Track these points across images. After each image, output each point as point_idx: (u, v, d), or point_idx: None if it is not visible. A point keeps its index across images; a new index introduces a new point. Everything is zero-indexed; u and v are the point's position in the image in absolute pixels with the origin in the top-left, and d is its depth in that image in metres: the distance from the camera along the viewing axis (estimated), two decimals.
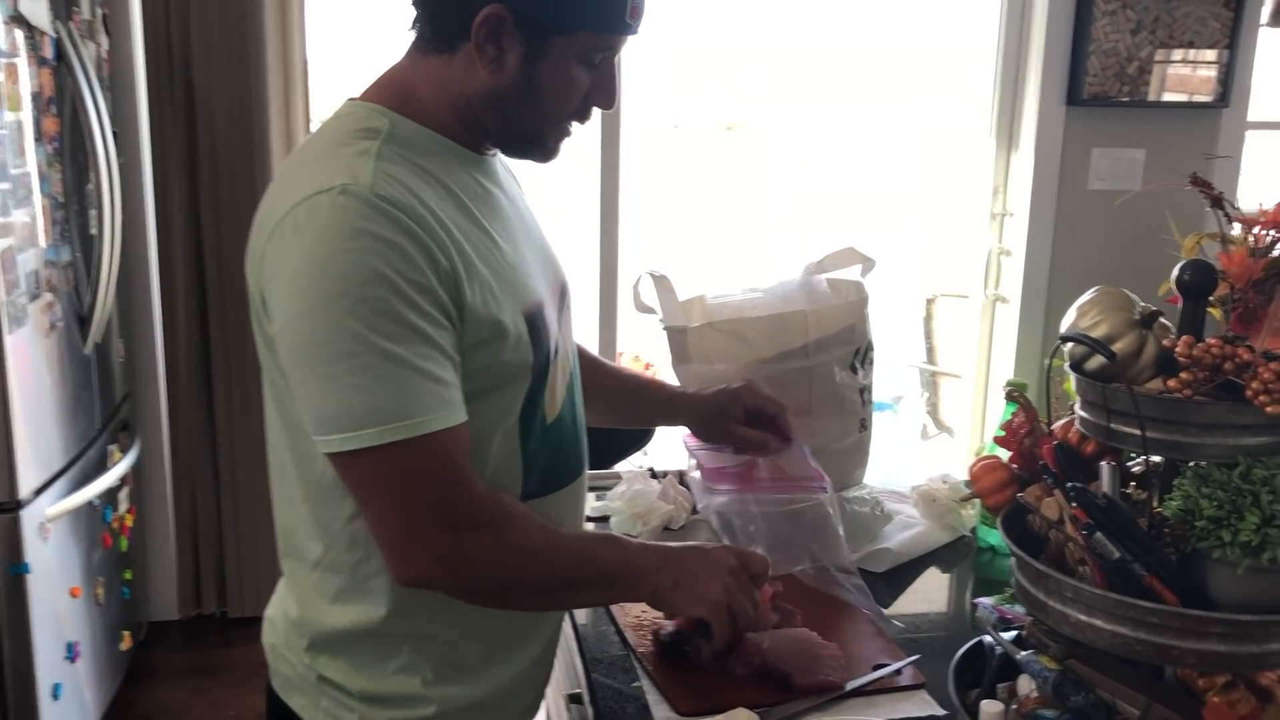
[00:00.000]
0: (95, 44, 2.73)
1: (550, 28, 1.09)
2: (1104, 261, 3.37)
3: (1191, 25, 3.22)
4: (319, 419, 1.05)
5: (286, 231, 1.04)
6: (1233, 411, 1.02)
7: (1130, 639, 1.02)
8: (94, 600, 2.64)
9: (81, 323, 2.59)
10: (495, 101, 1.12)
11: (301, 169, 1.10)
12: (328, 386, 1.02)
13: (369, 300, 1.00)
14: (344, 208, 1.02)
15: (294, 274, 1.03)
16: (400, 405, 1.02)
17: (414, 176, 1.09)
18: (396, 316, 1.01)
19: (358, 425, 1.02)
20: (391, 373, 1.01)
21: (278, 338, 1.07)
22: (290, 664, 1.24)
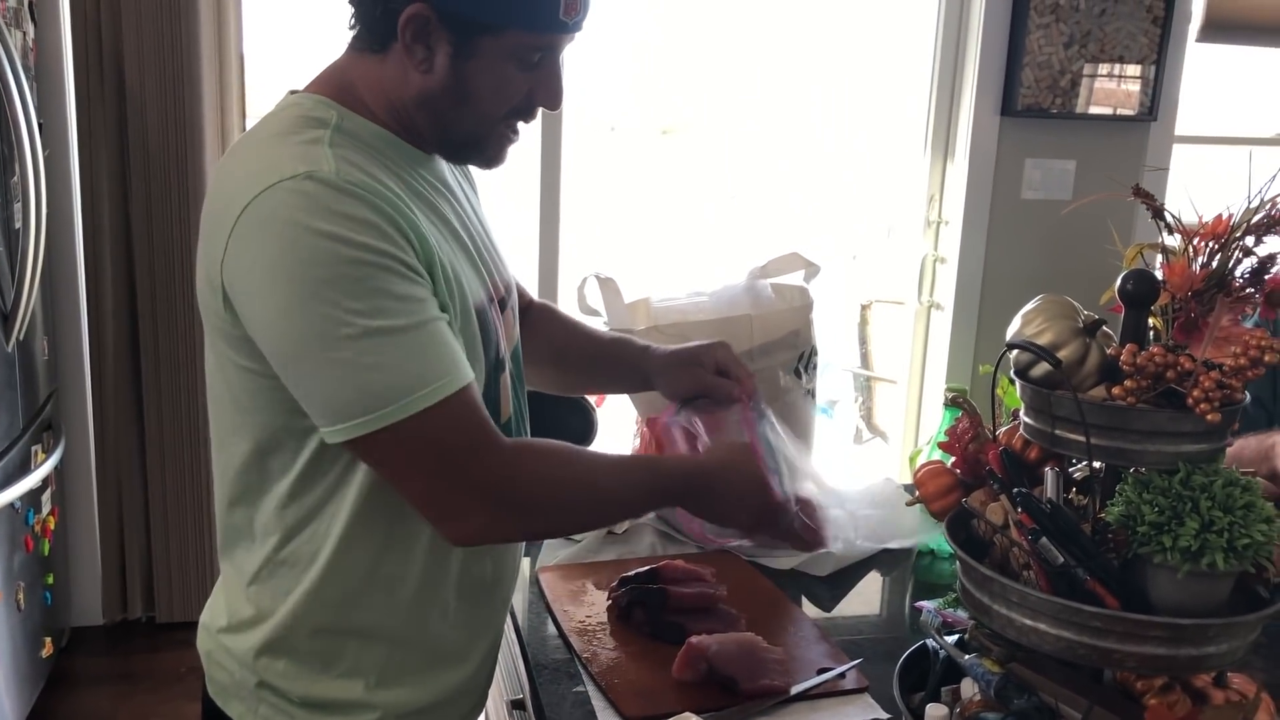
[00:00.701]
0: (21, 31, 2.64)
1: (476, 26, 1.06)
2: (1036, 269, 3.44)
3: (1122, 40, 3.30)
4: (333, 409, 1.02)
5: (251, 225, 1.01)
6: (1174, 419, 1.04)
7: (1074, 642, 1.04)
8: (14, 605, 2.56)
9: (4, 319, 2.51)
10: (428, 103, 1.11)
11: (251, 160, 1.07)
12: (336, 374, 1.01)
13: (358, 280, 0.99)
14: (312, 194, 1.00)
15: (271, 269, 1.00)
16: (414, 376, 1.01)
17: (370, 162, 1.07)
18: (388, 291, 1.00)
19: (379, 405, 1.01)
20: (397, 345, 1.00)
21: (260, 335, 1.04)
22: (227, 670, 1.22)
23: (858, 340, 4.56)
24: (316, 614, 1.16)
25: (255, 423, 1.12)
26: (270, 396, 1.09)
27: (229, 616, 1.21)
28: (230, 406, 1.14)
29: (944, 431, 1.35)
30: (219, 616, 1.23)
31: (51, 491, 2.85)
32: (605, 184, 8.08)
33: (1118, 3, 3.27)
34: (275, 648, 1.18)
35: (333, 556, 1.15)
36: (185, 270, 3.02)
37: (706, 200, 8.08)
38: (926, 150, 3.46)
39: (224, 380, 1.13)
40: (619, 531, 1.73)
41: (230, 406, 1.14)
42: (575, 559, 1.66)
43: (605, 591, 1.54)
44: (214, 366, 1.14)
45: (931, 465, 1.26)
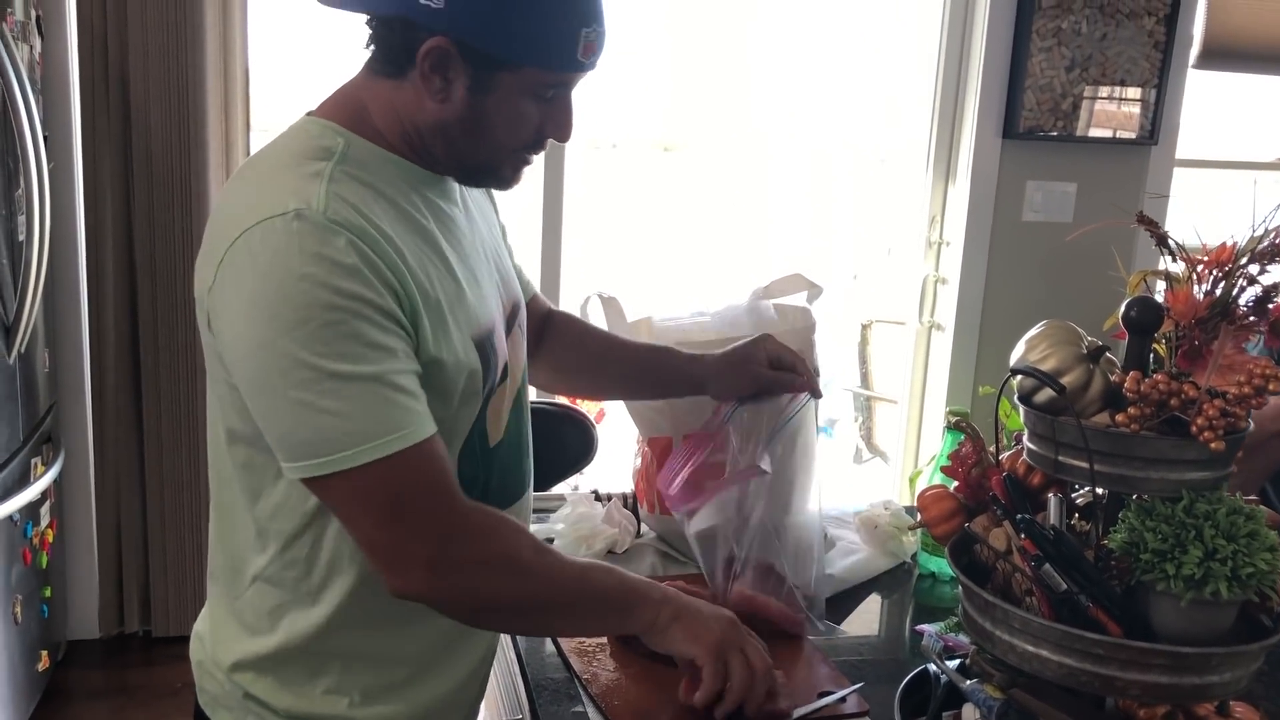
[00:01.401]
0: (28, 45, 2.65)
1: (495, 62, 1.07)
2: (1036, 291, 3.45)
3: (1123, 64, 3.31)
4: (290, 446, 1.03)
5: (240, 257, 1.02)
6: (1177, 446, 1.04)
7: (1076, 669, 1.03)
8: (11, 619, 2.55)
9: (6, 332, 2.51)
10: (443, 132, 1.12)
11: (252, 189, 1.08)
12: (297, 414, 1.01)
13: (329, 325, 1.00)
14: (298, 233, 1.00)
15: (251, 302, 1.01)
16: (373, 425, 1.01)
17: (368, 198, 1.08)
18: (359, 337, 1.01)
19: (333, 449, 1.01)
20: (359, 393, 1.01)
21: (234, 366, 1.05)
22: (216, 680, 1.22)
23: (858, 360, 4.57)
24: (299, 638, 1.17)
25: (242, 439, 1.13)
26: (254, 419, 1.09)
27: (218, 629, 1.22)
28: (221, 422, 1.15)
29: (947, 455, 1.35)
30: (209, 628, 1.25)
31: (50, 504, 2.85)
32: (607, 201, 8.10)
33: (1119, 27, 3.28)
34: (259, 664, 1.18)
35: (321, 579, 1.15)
36: (187, 284, 3.01)
37: (707, 217, 8.09)
38: (928, 171, 3.47)
39: (216, 395, 1.15)
40: (619, 551, 1.73)
41: (221, 422, 1.15)
42: None
43: None
44: (209, 380, 1.16)
45: (935, 490, 1.26)
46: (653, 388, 1.57)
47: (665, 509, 1.73)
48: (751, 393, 1.48)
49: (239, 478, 1.15)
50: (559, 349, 1.53)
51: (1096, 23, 3.27)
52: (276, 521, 1.14)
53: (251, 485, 1.15)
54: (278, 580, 1.16)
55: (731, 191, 8.18)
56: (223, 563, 1.21)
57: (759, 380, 1.46)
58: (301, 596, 1.16)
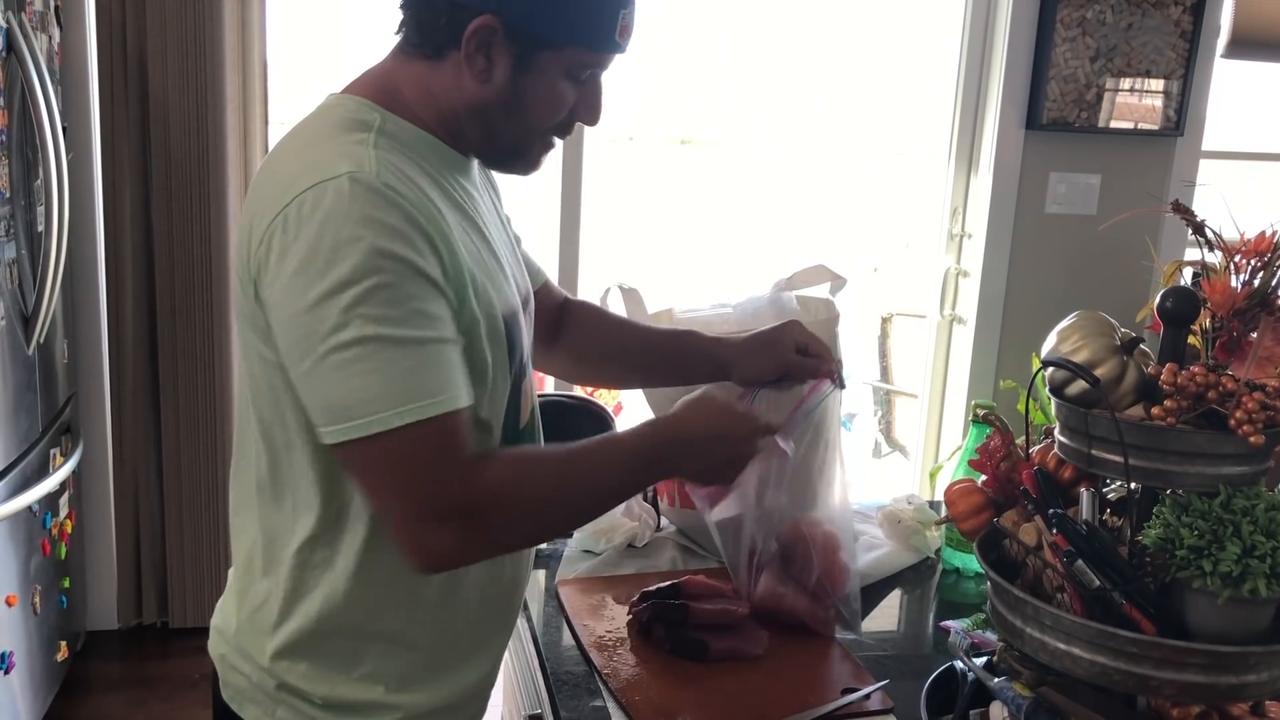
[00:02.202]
0: (47, 35, 2.65)
1: (541, 42, 1.08)
2: (1060, 284, 3.41)
3: (1149, 54, 3.27)
4: (326, 409, 1.02)
5: (291, 220, 1.01)
6: (1214, 441, 1.01)
7: (1109, 668, 1.01)
8: (30, 609, 2.55)
9: (25, 322, 2.51)
10: (480, 111, 1.12)
11: (295, 157, 1.08)
12: (335, 375, 1.00)
13: (378, 288, 0.99)
14: (352, 195, 1.00)
15: (301, 264, 1.00)
16: (410, 389, 1.01)
17: (410, 166, 1.08)
18: (405, 302, 1.01)
19: (368, 411, 1.00)
20: (399, 357, 1.00)
21: (279, 329, 1.04)
22: (243, 674, 1.21)
23: (878, 353, 4.54)
24: (340, 618, 1.16)
25: (275, 419, 1.12)
26: (292, 393, 1.08)
27: (248, 618, 1.20)
28: (252, 401, 1.15)
29: (975, 449, 1.32)
30: (231, 620, 1.23)
31: (69, 495, 2.85)
32: (625, 194, 8.08)
33: (1145, 17, 3.24)
34: (297, 650, 1.17)
35: (357, 561, 1.14)
36: (205, 274, 3.02)
37: (725, 210, 8.06)
38: (950, 163, 3.44)
39: (250, 373, 1.14)
40: (639, 545, 1.71)
41: (252, 401, 1.15)
42: (594, 573, 1.64)
43: (625, 606, 1.52)
44: (242, 358, 1.15)
45: (962, 484, 1.24)
46: (676, 372, 1.55)
47: (686, 502, 1.71)
48: (776, 376, 1.46)
49: (265, 459, 1.15)
50: (579, 336, 1.52)
51: (1122, 12, 3.22)
52: (305, 507, 1.13)
53: (276, 468, 1.14)
54: (313, 566, 1.15)
55: (750, 184, 8.14)
56: (259, 544, 1.19)
57: (784, 364, 1.45)
58: (336, 586, 1.15)
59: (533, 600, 1.57)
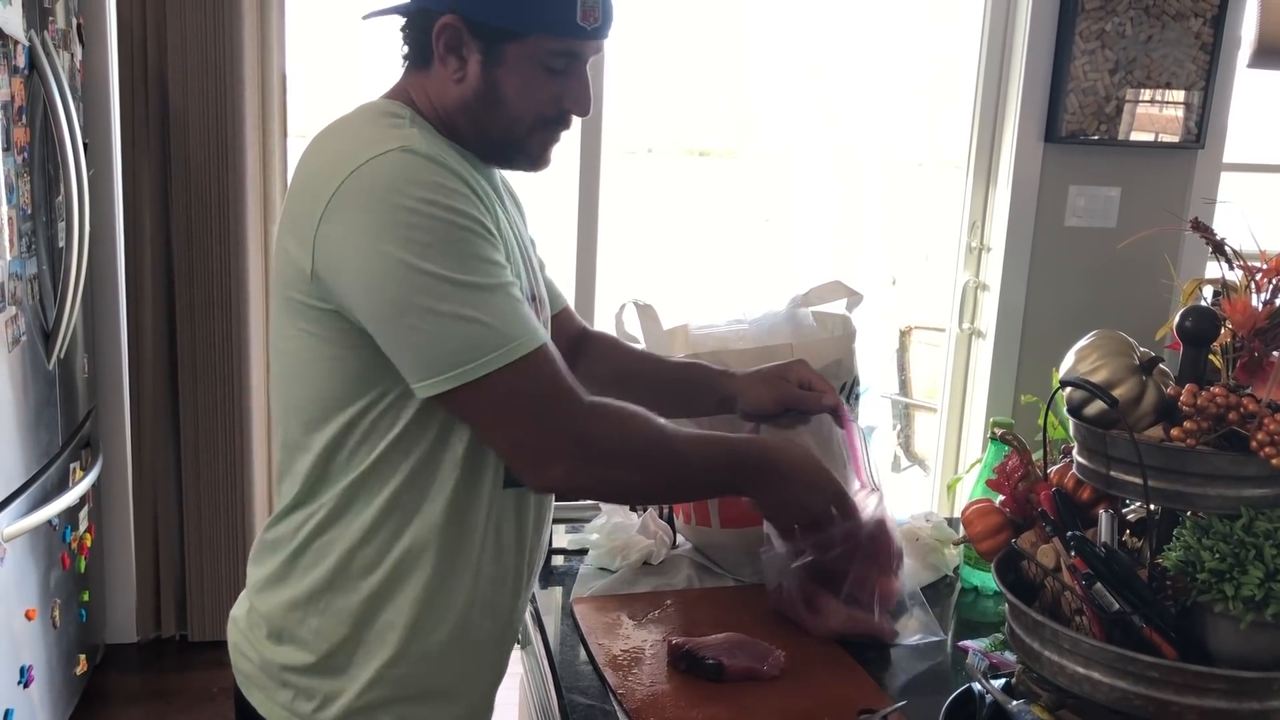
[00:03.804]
0: (69, 53, 2.67)
1: (503, 34, 1.14)
2: (1079, 298, 3.39)
3: (1169, 66, 3.25)
4: (434, 360, 1.08)
5: (350, 195, 1.07)
6: (1236, 462, 1.00)
7: (1129, 693, 1.00)
8: (50, 623, 2.56)
9: (46, 337, 2.53)
10: (466, 110, 1.18)
11: (341, 142, 1.14)
12: (442, 326, 1.06)
13: (456, 241, 1.07)
14: (410, 164, 1.07)
15: (374, 233, 1.06)
16: (512, 328, 1.09)
17: (445, 152, 1.14)
18: (480, 253, 1.08)
19: (481, 353, 1.07)
20: (494, 301, 1.08)
21: (357, 301, 1.09)
22: (250, 659, 1.25)
23: (897, 366, 4.52)
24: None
25: (294, 404, 1.18)
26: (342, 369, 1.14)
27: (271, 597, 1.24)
28: (296, 384, 1.19)
29: (992, 469, 1.31)
30: (247, 606, 1.28)
31: (89, 509, 2.86)
32: (642, 207, 8.08)
33: (1165, 29, 3.22)
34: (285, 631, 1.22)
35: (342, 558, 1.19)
36: (225, 288, 3.03)
37: (742, 222, 8.04)
38: (969, 176, 3.42)
39: (282, 359, 1.19)
40: (655, 562, 1.70)
41: (296, 384, 1.19)
42: (610, 590, 1.63)
43: (640, 623, 1.51)
44: (278, 350, 1.19)
45: (980, 504, 1.23)
46: (683, 402, 1.58)
47: (702, 520, 1.70)
48: (779, 411, 1.50)
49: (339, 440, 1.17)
50: (593, 364, 1.55)
51: (1141, 24, 3.21)
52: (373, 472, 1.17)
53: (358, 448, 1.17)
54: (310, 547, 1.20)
55: (768, 196, 8.13)
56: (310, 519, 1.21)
57: (787, 398, 1.49)
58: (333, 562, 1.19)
59: (548, 618, 1.57)
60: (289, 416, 1.20)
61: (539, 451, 1.13)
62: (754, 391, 1.49)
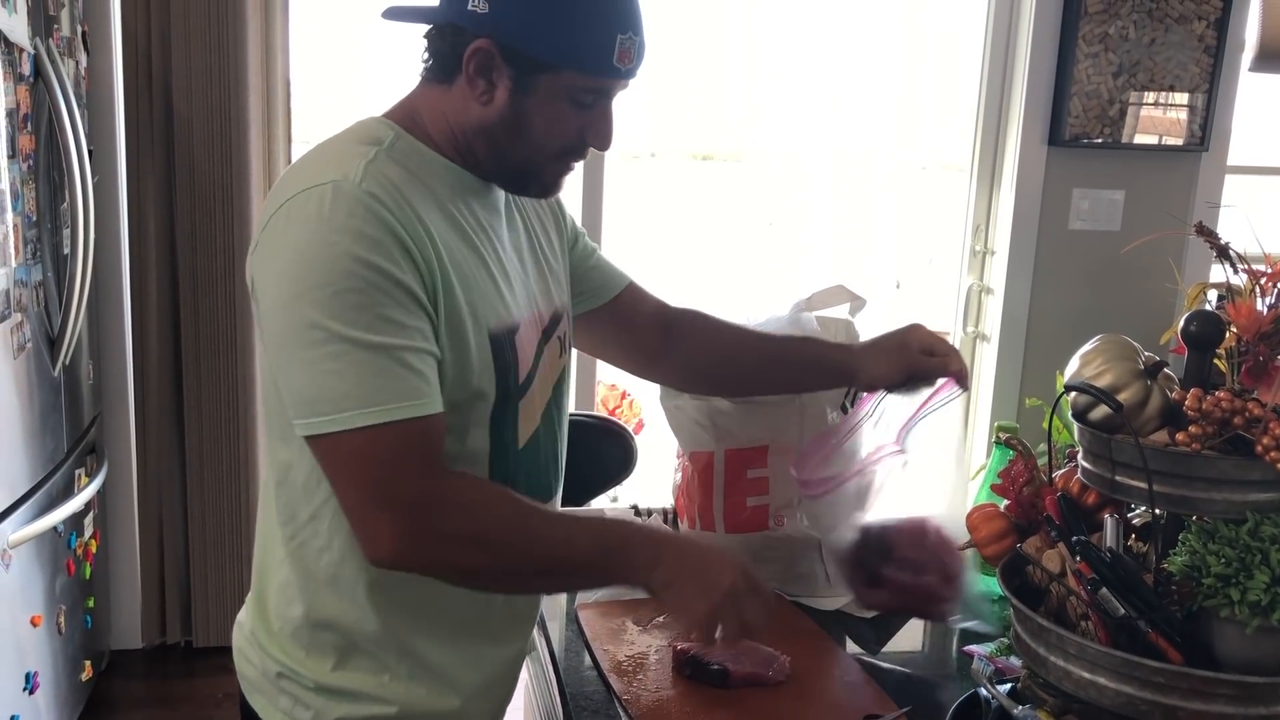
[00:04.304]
0: (74, 60, 2.68)
1: (538, 65, 1.11)
2: (1084, 301, 3.38)
3: (1172, 69, 3.25)
4: (297, 402, 1.08)
5: (279, 223, 1.08)
6: (1241, 467, 1.00)
7: (1135, 698, 1.00)
8: (55, 629, 2.57)
9: (51, 344, 2.53)
10: (486, 133, 1.16)
11: (302, 168, 1.13)
12: (306, 371, 1.05)
13: (349, 291, 1.04)
14: (331, 203, 1.05)
15: (282, 264, 1.07)
16: (371, 392, 1.04)
17: (407, 182, 1.12)
18: (374, 308, 1.04)
19: (333, 409, 1.05)
20: (364, 360, 1.04)
21: (261, 325, 1.11)
22: (252, 664, 1.26)
23: None
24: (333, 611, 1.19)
25: (275, 408, 1.17)
26: None
27: (266, 606, 1.24)
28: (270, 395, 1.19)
29: (997, 474, 1.31)
30: (250, 612, 1.28)
31: (94, 515, 2.87)
32: (646, 211, 8.07)
33: (1168, 32, 3.22)
34: (297, 636, 1.21)
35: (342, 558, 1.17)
36: (229, 295, 3.04)
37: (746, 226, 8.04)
38: (973, 179, 3.42)
39: (265, 371, 1.19)
40: None
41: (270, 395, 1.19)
42: (614, 596, 1.63)
43: (645, 629, 1.51)
44: (261, 358, 1.20)
45: (985, 509, 1.23)
46: (795, 380, 1.55)
47: (706, 524, 1.70)
48: (903, 379, 1.45)
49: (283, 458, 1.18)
50: (689, 348, 1.53)
51: (1145, 27, 3.20)
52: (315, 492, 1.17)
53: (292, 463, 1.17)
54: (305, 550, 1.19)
55: (771, 200, 8.13)
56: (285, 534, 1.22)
57: (913, 366, 1.44)
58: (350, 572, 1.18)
59: (552, 624, 1.57)
60: (269, 424, 1.22)
61: (370, 523, 1.08)
62: (875, 365, 1.45)
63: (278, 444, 1.19)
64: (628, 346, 1.53)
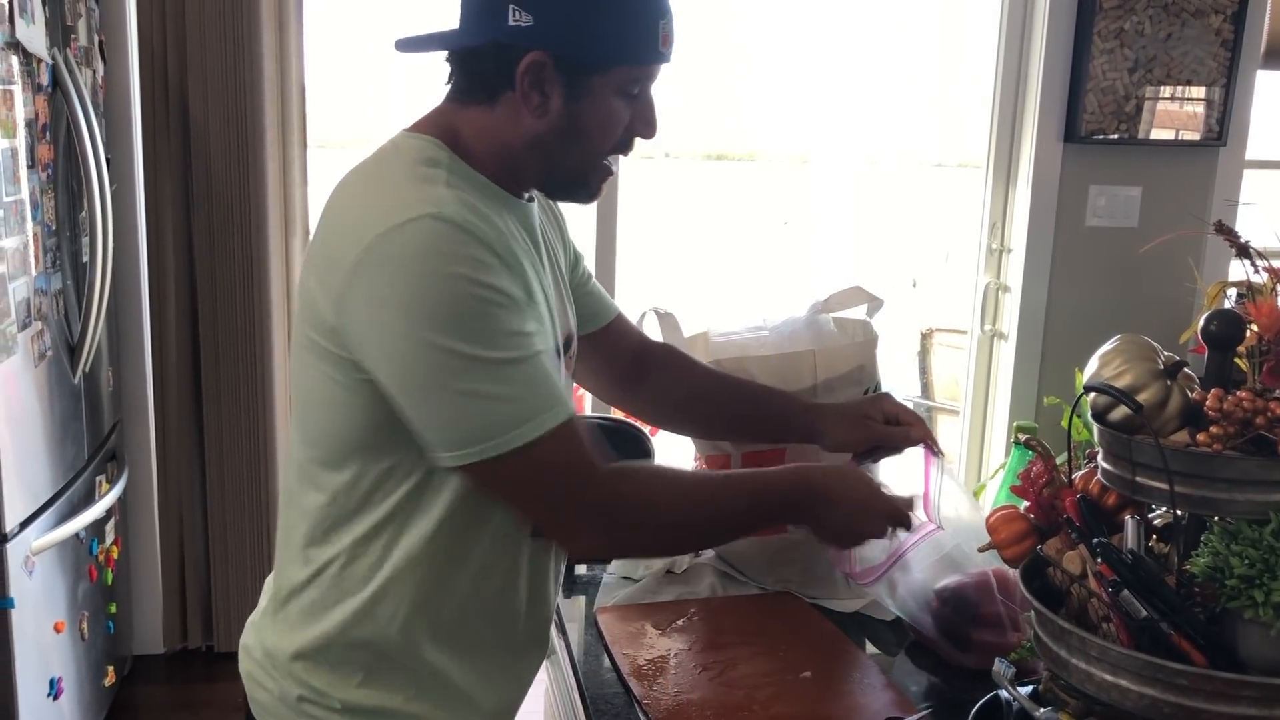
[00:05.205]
0: (91, 70, 2.70)
1: (589, 67, 1.11)
2: (1102, 298, 3.36)
3: (1189, 64, 3.23)
4: (456, 436, 1.07)
5: (378, 261, 1.04)
6: (1264, 467, 0.99)
7: (1159, 701, 0.99)
8: (78, 635, 2.59)
9: (71, 351, 2.55)
10: (538, 145, 1.15)
11: (375, 193, 1.11)
12: (462, 404, 1.05)
13: (482, 317, 1.05)
14: (440, 235, 1.04)
15: (401, 304, 1.04)
16: (536, 403, 1.07)
17: (482, 205, 1.11)
18: (506, 326, 1.06)
19: (503, 431, 1.06)
20: (518, 376, 1.07)
21: (380, 367, 1.07)
22: (266, 689, 1.24)
23: (918, 369, 4.50)
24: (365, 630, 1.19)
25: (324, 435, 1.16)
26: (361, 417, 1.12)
27: (281, 630, 1.23)
28: (303, 416, 1.18)
29: (1016, 475, 1.30)
30: (258, 638, 1.27)
31: (115, 521, 2.89)
32: (661, 212, 8.08)
33: (1184, 27, 3.20)
34: (317, 656, 1.20)
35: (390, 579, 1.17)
36: (247, 300, 3.05)
37: (762, 226, 8.03)
38: (988, 177, 3.41)
39: (307, 390, 1.16)
40: (678, 571, 1.70)
41: (303, 416, 1.18)
42: (633, 600, 1.63)
43: (664, 632, 1.51)
44: (310, 382, 1.16)
45: (1005, 510, 1.22)
46: (763, 432, 1.59)
47: None
48: (866, 448, 1.48)
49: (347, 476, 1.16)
50: (663, 384, 1.55)
51: (1160, 22, 3.19)
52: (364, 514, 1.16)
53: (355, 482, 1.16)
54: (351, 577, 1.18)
55: (786, 199, 8.12)
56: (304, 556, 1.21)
57: (877, 435, 1.47)
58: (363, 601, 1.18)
59: (572, 628, 1.57)
60: (305, 447, 1.18)
61: (565, 526, 1.14)
62: (839, 431, 1.48)
63: (328, 470, 1.16)
64: (606, 375, 1.54)
